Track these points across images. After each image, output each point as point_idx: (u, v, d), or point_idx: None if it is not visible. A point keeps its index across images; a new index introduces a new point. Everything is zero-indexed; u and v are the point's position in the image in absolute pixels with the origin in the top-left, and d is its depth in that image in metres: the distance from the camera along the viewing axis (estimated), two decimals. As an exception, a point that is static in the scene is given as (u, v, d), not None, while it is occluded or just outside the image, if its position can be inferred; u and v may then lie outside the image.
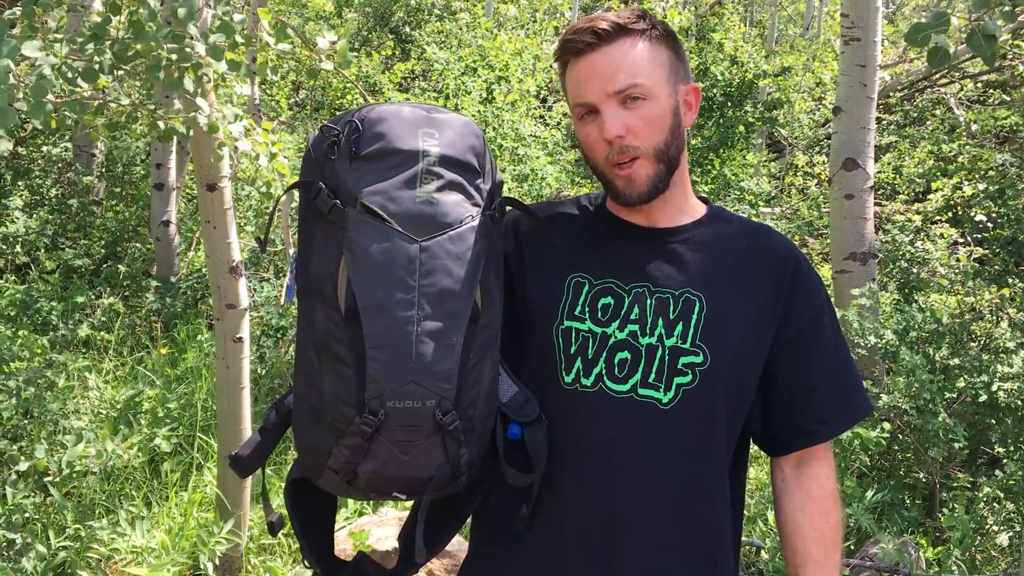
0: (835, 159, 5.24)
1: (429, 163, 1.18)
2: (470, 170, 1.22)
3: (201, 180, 3.26)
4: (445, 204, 1.18)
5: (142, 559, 3.46)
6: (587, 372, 1.38)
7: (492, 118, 7.86)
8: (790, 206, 8.87)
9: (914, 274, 5.76)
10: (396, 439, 1.17)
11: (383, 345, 1.15)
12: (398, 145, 1.18)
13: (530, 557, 1.42)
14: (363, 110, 1.22)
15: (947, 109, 9.58)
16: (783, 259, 1.45)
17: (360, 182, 1.17)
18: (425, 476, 1.21)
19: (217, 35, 2.66)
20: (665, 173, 1.40)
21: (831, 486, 1.48)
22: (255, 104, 7.22)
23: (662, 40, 1.39)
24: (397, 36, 10.90)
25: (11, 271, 6.82)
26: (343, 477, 1.20)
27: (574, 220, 1.50)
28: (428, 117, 1.22)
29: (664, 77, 1.38)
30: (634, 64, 1.35)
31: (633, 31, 1.37)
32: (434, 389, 1.16)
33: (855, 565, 3.83)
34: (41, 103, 2.05)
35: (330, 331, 1.18)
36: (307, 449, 1.25)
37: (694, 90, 1.44)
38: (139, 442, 4.18)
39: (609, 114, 1.35)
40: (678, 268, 1.41)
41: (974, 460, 4.50)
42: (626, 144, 1.36)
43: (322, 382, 1.19)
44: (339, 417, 1.17)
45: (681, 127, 1.41)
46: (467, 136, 1.23)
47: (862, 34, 5.05)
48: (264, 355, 5.39)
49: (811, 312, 1.45)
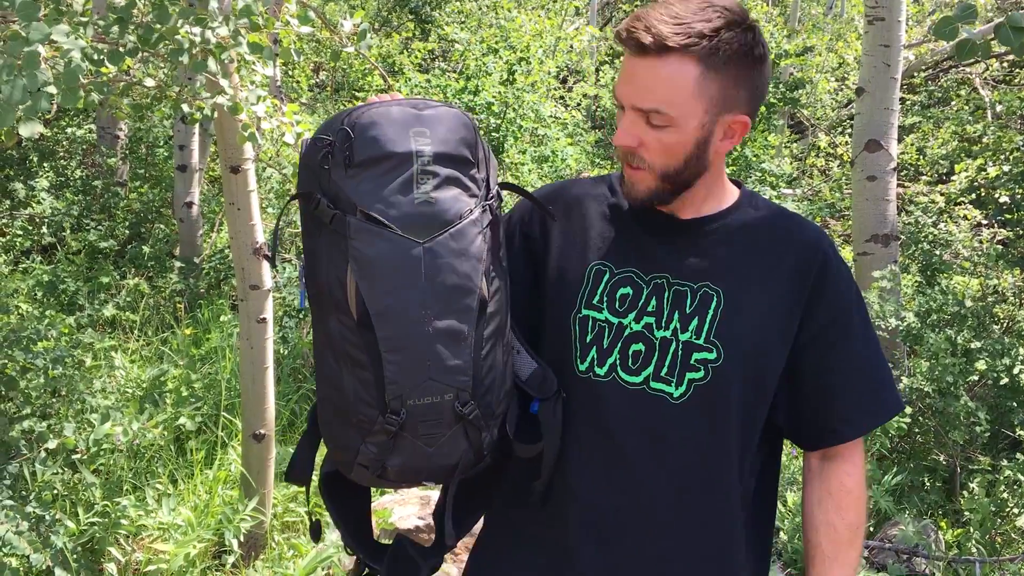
0: (858, 140, 5.20)
1: (424, 163, 1.20)
2: (464, 162, 1.23)
3: (225, 162, 3.28)
4: (444, 201, 1.20)
5: (169, 535, 3.51)
6: (601, 362, 1.39)
7: (513, 99, 7.84)
8: (811, 187, 8.81)
9: (936, 256, 5.72)
10: (420, 433, 1.21)
11: (397, 348, 1.18)
12: (392, 148, 1.19)
13: (540, 537, 1.44)
14: (352, 115, 1.23)
15: (972, 89, 9.47)
16: (811, 251, 1.42)
17: (358, 189, 1.19)
18: (451, 463, 1.24)
19: (240, 18, 2.68)
20: (669, 191, 1.38)
21: (852, 483, 1.45)
22: (276, 86, 7.24)
23: (723, 65, 1.29)
24: (417, 16, 10.87)
25: (38, 252, 6.90)
26: (373, 472, 1.24)
27: (599, 204, 1.49)
28: (418, 115, 1.23)
29: (701, 108, 1.31)
30: (669, 90, 1.29)
31: (688, 52, 1.27)
32: (451, 383, 1.20)
33: (874, 547, 3.84)
34: (74, 88, 2.08)
35: (344, 336, 1.21)
36: (336, 447, 1.29)
37: (743, 122, 1.36)
38: (164, 421, 4.23)
39: (626, 123, 1.34)
40: (699, 260, 1.40)
41: (995, 443, 4.48)
42: (636, 155, 1.35)
43: (343, 384, 1.22)
44: (363, 418, 1.21)
45: (706, 155, 1.36)
46: (458, 129, 1.24)
47: (886, 13, 5.00)
48: (287, 336, 5.43)
49: (839, 307, 1.42)
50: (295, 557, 3.56)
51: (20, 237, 6.82)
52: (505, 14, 9.88)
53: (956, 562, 3.73)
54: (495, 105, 7.55)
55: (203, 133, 6.98)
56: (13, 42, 1.95)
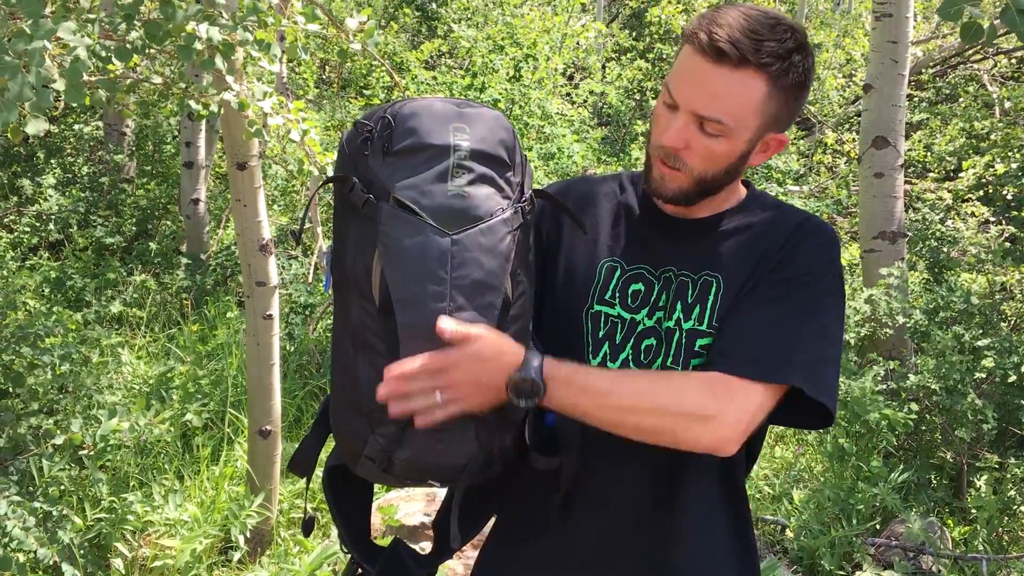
0: (865, 137, 5.19)
1: (460, 157, 1.19)
2: (501, 164, 1.23)
3: (231, 159, 3.29)
4: (476, 198, 1.19)
5: (175, 531, 3.53)
6: (614, 357, 1.40)
7: (519, 96, 7.83)
8: (819, 184, 8.79)
9: (944, 253, 5.70)
10: (431, 428, 1.19)
11: (417, 337, 1.16)
12: (430, 140, 1.19)
13: (553, 535, 1.44)
14: (396, 105, 1.23)
15: (980, 86, 9.42)
16: (791, 226, 1.39)
17: (393, 177, 1.19)
18: (459, 464, 1.23)
19: (247, 16, 2.68)
20: (697, 194, 1.37)
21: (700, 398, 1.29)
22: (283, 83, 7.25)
23: (787, 90, 1.31)
24: (423, 13, 10.86)
25: (45, 248, 6.92)
26: (379, 465, 1.23)
27: (609, 202, 1.49)
28: (459, 112, 1.23)
29: (756, 125, 1.32)
30: (736, 103, 1.29)
31: (763, 69, 1.28)
32: None
33: (881, 544, 3.83)
34: (78, 85, 2.08)
35: (365, 323, 1.20)
36: (344, 437, 1.28)
37: (780, 141, 1.38)
38: (171, 417, 4.24)
39: (679, 124, 1.31)
40: (703, 253, 1.40)
41: (1002, 440, 4.47)
42: (678, 156, 1.33)
43: (358, 372, 1.22)
44: (375, 407, 1.19)
45: (743, 167, 1.38)
46: (497, 130, 1.24)
47: (894, 9, 4.99)
48: (293, 332, 5.44)
49: (788, 272, 1.35)
50: (301, 553, 3.57)
51: (27, 234, 6.84)
52: (512, 10, 9.86)
53: (963, 560, 3.72)
54: (501, 102, 7.54)
55: (210, 130, 6.99)
56: (18, 38, 1.95)
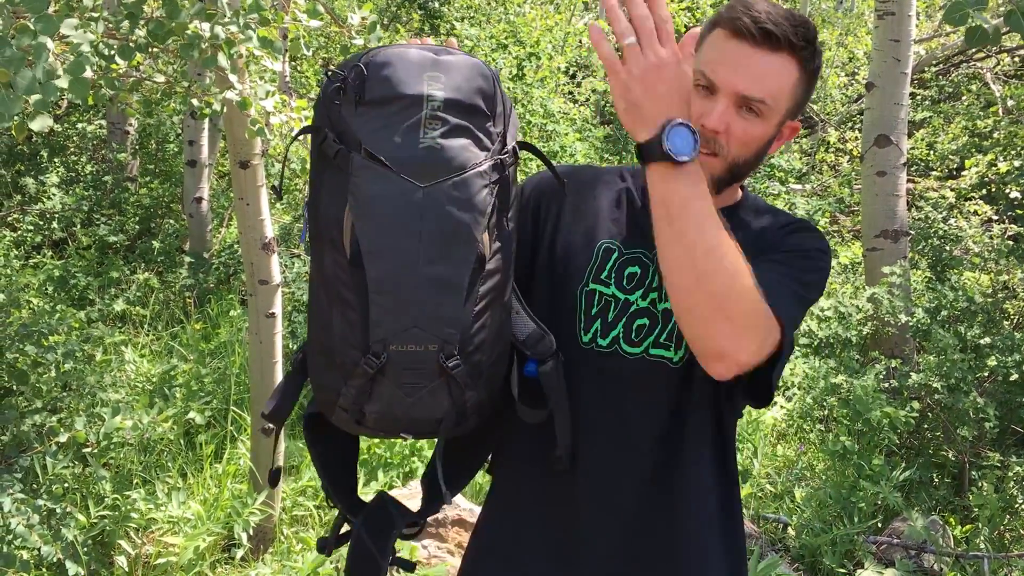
0: (867, 135, 5.19)
1: (434, 108, 1.16)
2: (478, 113, 1.20)
3: (234, 157, 3.29)
4: (450, 149, 1.17)
5: (178, 529, 3.54)
6: (604, 334, 1.40)
7: (522, 95, 7.84)
8: (821, 183, 8.79)
9: (947, 252, 5.70)
10: (401, 381, 1.18)
11: (386, 290, 1.16)
12: (403, 90, 1.16)
13: (547, 516, 1.45)
14: (370, 54, 1.20)
15: (983, 84, 9.41)
16: (777, 229, 1.44)
17: (364, 127, 1.16)
18: (432, 418, 1.22)
19: (249, 14, 2.69)
20: (727, 180, 1.39)
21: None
22: (285, 81, 7.25)
23: (811, 75, 1.37)
24: (426, 12, 10.86)
25: (48, 247, 6.94)
26: (352, 416, 1.23)
27: (611, 189, 1.51)
28: (435, 60, 1.19)
29: (786, 108, 1.36)
30: (776, 84, 1.33)
31: (796, 53, 1.33)
32: (437, 334, 1.17)
33: (883, 542, 3.84)
34: (81, 79, 2.08)
35: (337, 275, 1.19)
36: (320, 388, 1.28)
37: (793, 128, 1.42)
38: (174, 415, 4.26)
39: (722, 107, 1.32)
40: None
41: (1004, 439, 4.47)
42: (716, 140, 1.34)
43: (331, 325, 1.21)
44: (346, 359, 1.19)
45: (766, 153, 1.41)
46: (474, 79, 1.20)
47: (896, 8, 4.99)
48: (295, 330, 5.45)
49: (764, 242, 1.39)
50: (304, 551, 3.58)
51: (31, 232, 6.86)
52: (514, 8, 9.87)
53: (964, 558, 3.72)
54: (503, 101, 7.54)
55: (212, 128, 7.00)
56: (21, 35, 1.95)
